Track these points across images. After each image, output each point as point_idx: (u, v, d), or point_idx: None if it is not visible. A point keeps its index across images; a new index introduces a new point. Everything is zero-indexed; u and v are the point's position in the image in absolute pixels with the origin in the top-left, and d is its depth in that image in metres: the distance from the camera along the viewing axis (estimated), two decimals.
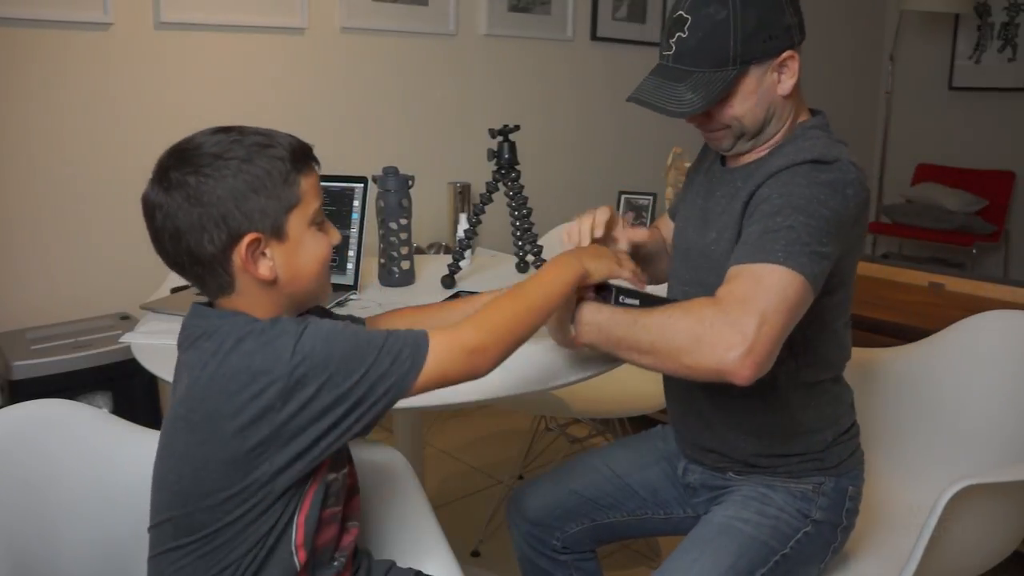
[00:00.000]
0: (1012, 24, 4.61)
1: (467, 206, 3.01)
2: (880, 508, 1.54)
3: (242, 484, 0.95)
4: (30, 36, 2.31)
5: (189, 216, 0.94)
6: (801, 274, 1.02)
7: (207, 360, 0.96)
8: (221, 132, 0.98)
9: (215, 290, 1.00)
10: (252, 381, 0.92)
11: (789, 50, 1.16)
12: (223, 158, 0.95)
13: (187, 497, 0.98)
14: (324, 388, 0.92)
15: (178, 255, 0.97)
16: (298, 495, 0.99)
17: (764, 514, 1.24)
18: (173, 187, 0.95)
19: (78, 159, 2.43)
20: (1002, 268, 4.74)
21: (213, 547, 0.98)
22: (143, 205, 0.98)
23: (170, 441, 1.01)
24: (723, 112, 1.17)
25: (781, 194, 1.09)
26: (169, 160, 0.97)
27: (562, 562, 1.47)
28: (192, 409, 0.96)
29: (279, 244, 0.99)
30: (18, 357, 2.12)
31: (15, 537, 1.13)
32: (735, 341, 0.97)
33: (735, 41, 1.12)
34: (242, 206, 0.95)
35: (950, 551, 1.20)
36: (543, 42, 3.46)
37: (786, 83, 1.17)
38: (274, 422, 0.92)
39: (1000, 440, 1.55)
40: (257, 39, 2.71)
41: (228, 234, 0.95)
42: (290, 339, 0.93)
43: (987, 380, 1.59)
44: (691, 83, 1.13)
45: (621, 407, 2.14)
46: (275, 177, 0.97)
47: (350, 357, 0.94)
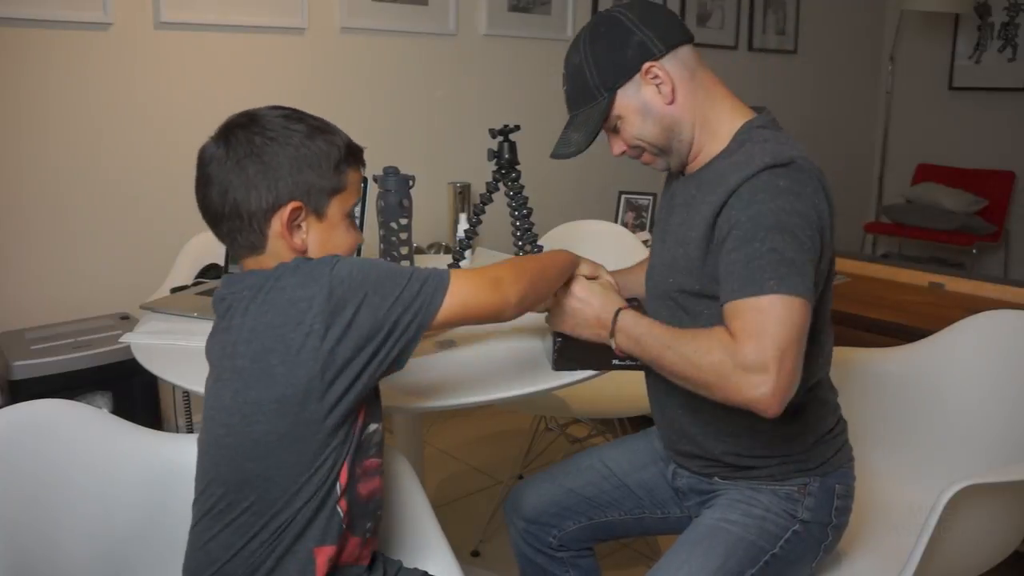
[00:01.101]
0: (1012, 24, 4.61)
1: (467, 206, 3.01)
2: (880, 508, 1.54)
3: (292, 424, 0.96)
4: (30, 36, 2.31)
5: (244, 172, 1.00)
6: (798, 296, 1.06)
7: (247, 305, 0.99)
8: (286, 110, 1.06)
9: (245, 247, 1.04)
10: (292, 308, 0.96)
11: (648, 61, 1.20)
12: (289, 129, 1.02)
13: (236, 450, 0.99)
14: (362, 309, 0.96)
15: (221, 206, 1.02)
16: (345, 444, 1.01)
17: (751, 515, 1.24)
18: (236, 144, 1.01)
19: (78, 159, 2.43)
20: (1002, 268, 4.74)
21: (265, 503, 0.99)
22: (199, 155, 1.04)
23: (216, 397, 1.02)
24: (624, 137, 1.26)
25: (750, 216, 1.11)
26: (236, 121, 1.04)
27: (559, 559, 1.47)
28: (237, 355, 0.99)
29: (317, 222, 1.05)
30: (18, 357, 2.12)
31: (16, 536, 1.13)
32: (758, 380, 1.04)
33: (591, 75, 1.23)
34: (295, 175, 1.01)
35: (950, 551, 1.20)
36: (543, 42, 3.46)
37: (664, 91, 1.21)
38: (320, 353, 0.95)
39: (1000, 440, 1.55)
40: (257, 39, 2.71)
41: (276, 197, 1.01)
42: (325, 267, 0.98)
43: (987, 380, 1.59)
44: (575, 124, 1.26)
45: (621, 407, 2.14)
46: (329, 160, 1.04)
47: (384, 279, 0.99)
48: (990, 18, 4.69)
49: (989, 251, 4.73)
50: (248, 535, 1.01)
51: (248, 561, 1.01)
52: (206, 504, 1.04)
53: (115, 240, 2.52)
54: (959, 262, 4.72)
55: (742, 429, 1.25)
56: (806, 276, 1.08)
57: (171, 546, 1.30)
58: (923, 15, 4.83)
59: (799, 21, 4.53)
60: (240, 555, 1.02)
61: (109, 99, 2.46)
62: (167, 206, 2.60)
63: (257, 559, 1.01)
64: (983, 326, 1.61)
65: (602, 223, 2.52)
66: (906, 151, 5.06)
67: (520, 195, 1.89)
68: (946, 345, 1.65)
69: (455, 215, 3.02)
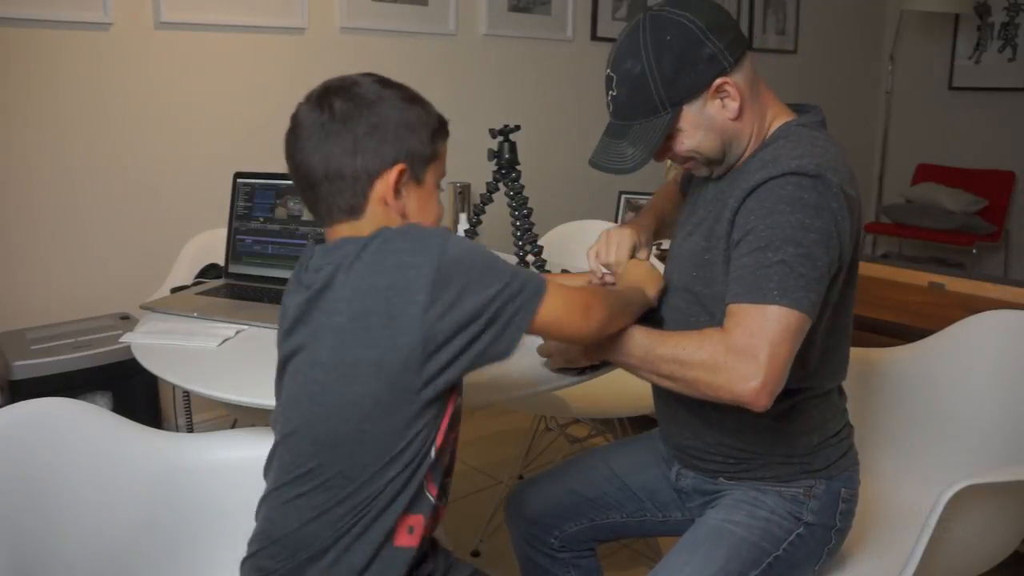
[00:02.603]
0: (1012, 24, 4.61)
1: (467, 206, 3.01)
2: (880, 508, 1.54)
3: (388, 390, 0.96)
4: (30, 36, 2.31)
5: (352, 133, 1.00)
6: (799, 310, 1.06)
7: (351, 263, 0.98)
8: (379, 76, 1.07)
9: (343, 211, 1.03)
10: (400, 273, 0.95)
11: (720, 77, 1.15)
12: (385, 95, 1.03)
13: (332, 409, 0.98)
14: (466, 291, 0.95)
15: (324, 169, 1.00)
16: (439, 418, 1.01)
17: (755, 516, 1.24)
18: (337, 108, 1.01)
19: (78, 159, 2.43)
20: (1002, 268, 4.74)
21: (357, 469, 0.99)
22: (295, 119, 1.03)
23: (311, 355, 1.00)
24: (677, 148, 1.20)
25: (768, 225, 1.10)
26: (332, 86, 1.04)
27: (561, 560, 1.47)
28: (336, 312, 0.97)
29: (416, 187, 1.05)
30: (18, 357, 2.13)
31: (17, 535, 1.13)
32: (749, 373, 1.04)
33: (656, 88, 1.15)
34: (401, 140, 1.02)
35: (950, 551, 1.20)
36: (543, 42, 3.46)
37: (731, 107, 1.17)
38: (423, 324, 0.94)
39: (1000, 440, 1.55)
40: (257, 39, 2.71)
41: (381, 159, 1.01)
42: (438, 239, 0.97)
43: (987, 380, 1.59)
44: (631, 137, 1.19)
45: (621, 407, 2.14)
46: (427, 126, 1.05)
47: (490, 268, 0.98)
48: (990, 18, 4.69)
49: (989, 251, 4.73)
50: (337, 498, 1.01)
51: (335, 525, 1.01)
52: (295, 464, 1.03)
53: (115, 240, 2.52)
54: (959, 262, 4.72)
55: (745, 425, 1.25)
56: (811, 292, 1.07)
57: (172, 544, 1.30)
58: (923, 15, 4.83)
59: (799, 21, 4.53)
60: (326, 516, 1.01)
61: (109, 99, 2.46)
62: (168, 206, 2.60)
63: (344, 524, 1.01)
64: (983, 326, 1.61)
65: (602, 223, 2.52)
66: (906, 151, 5.06)
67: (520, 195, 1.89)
68: (946, 345, 1.65)
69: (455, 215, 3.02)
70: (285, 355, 1.05)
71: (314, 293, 1.00)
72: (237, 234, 1.90)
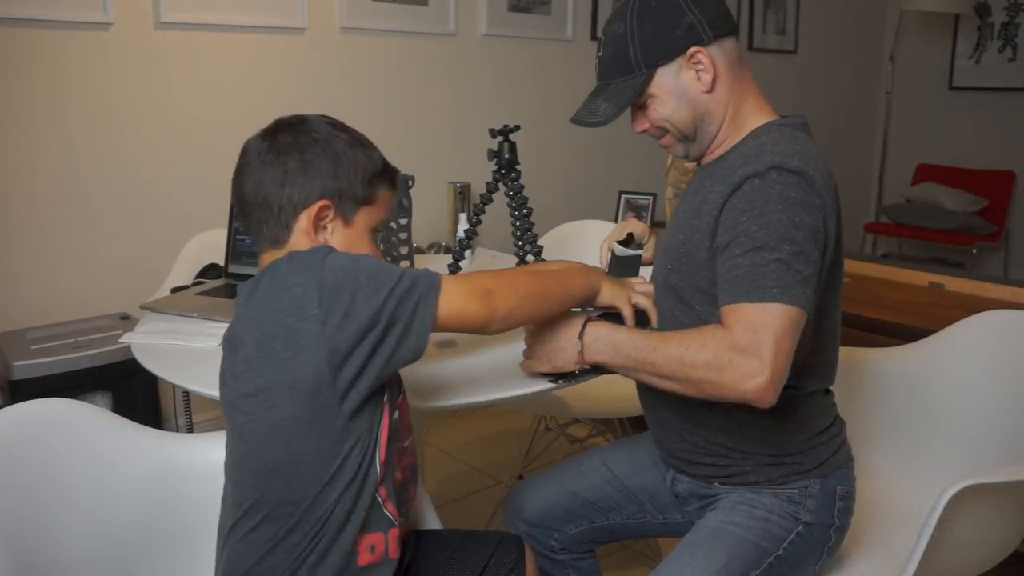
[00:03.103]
0: (1012, 24, 4.61)
1: (467, 206, 3.01)
2: (880, 508, 1.54)
3: (308, 409, 0.98)
4: (30, 36, 2.31)
5: (284, 166, 1.05)
6: (798, 307, 1.07)
7: (247, 296, 1.02)
8: (333, 120, 1.11)
9: (268, 239, 1.07)
10: (287, 294, 0.98)
11: (695, 46, 1.18)
12: (333, 135, 1.08)
13: (259, 437, 1.00)
14: (358, 297, 0.97)
15: (254, 196, 1.06)
16: (373, 431, 1.02)
17: (754, 516, 1.24)
18: (279, 141, 1.06)
19: (78, 159, 2.43)
20: (1002, 268, 4.74)
21: (297, 493, 1.00)
22: (244, 146, 1.09)
23: (234, 388, 1.03)
24: (650, 115, 1.24)
25: (760, 225, 1.10)
26: (285, 120, 1.09)
27: (561, 562, 1.47)
28: (243, 344, 1.01)
29: (343, 226, 1.08)
30: (18, 357, 2.13)
31: (17, 536, 1.13)
32: (755, 370, 1.04)
33: (634, 48, 1.20)
34: (330, 178, 1.06)
35: (950, 551, 1.20)
36: (543, 42, 3.46)
37: (704, 79, 1.20)
38: (323, 339, 0.96)
39: (1000, 440, 1.55)
40: (257, 39, 2.71)
41: (308, 194, 1.05)
42: (318, 255, 1.00)
43: (987, 380, 1.59)
44: (607, 94, 1.24)
45: (621, 407, 2.13)
46: (365, 172, 1.08)
47: (376, 273, 0.99)
48: (990, 18, 4.69)
49: (989, 251, 4.73)
50: (287, 527, 1.02)
51: (292, 554, 1.02)
52: (242, 498, 1.05)
53: (115, 240, 2.52)
54: (959, 262, 4.72)
55: (730, 422, 1.25)
56: (808, 288, 1.08)
57: (172, 544, 1.30)
58: (923, 15, 4.83)
59: (799, 21, 4.53)
60: (281, 547, 1.02)
61: (109, 99, 2.46)
62: (168, 206, 2.60)
63: (301, 552, 1.02)
64: (983, 326, 1.61)
65: (602, 223, 2.52)
66: (906, 151, 5.06)
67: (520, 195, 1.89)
68: (946, 345, 1.65)
69: (455, 215, 3.02)
70: (223, 394, 1.09)
71: (229, 327, 1.05)
72: (237, 234, 1.90)
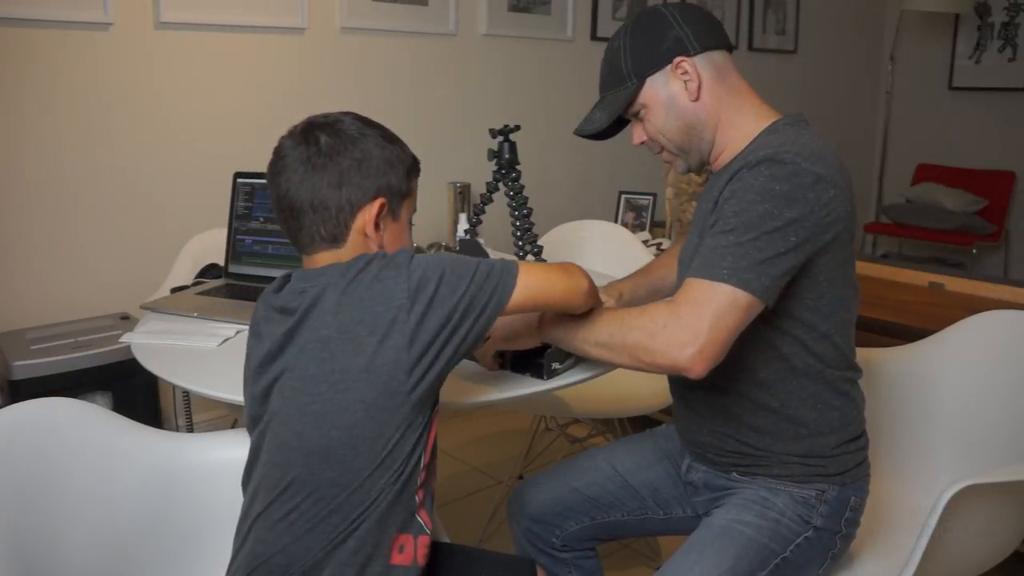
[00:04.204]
0: (1012, 24, 4.61)
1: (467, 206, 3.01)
2: (880, 508, 1.54)
3: (380, 394, 1.00)
4: (30, 36, 2.31)
5: (337, 167, 1.06)
6: (748, 292, 1.09)
7: (340, 283, 1.03)
8: (355, 115, 1.12)
9: (327, 239, 1.08)
10: (379, 284, 1.02)
11: (680, 56, 1.23)
12: (367, 133, 1.09)
13: (323, 417, 1.01)
14: (442, 287, 1.02)
15: (309, 199, 1.06)
16: (426, 429, 1.05)
17: (765, 516, 1.24)
18: (324, 143, 1.06)
19: (78, 159, 2.43)
20: (1002, 268, 4.74)
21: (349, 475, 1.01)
22: (280, 151, 1.09)
23: (298, 370, 1.04)
24: (646, 128, 1.30)
25: (735, 212, 1.13)
26: (314, 123, 1.09)
27: (563, 560, 1.47)
28: (323, 325, 1.02)
29: (392, 222, 1.12)
30: (18, 357, 2.13)
31: (18, 535, 1.14)
32: (687, 339, 1.08)
33: (625, 60, 1.26)
34: (381, 175, 1.09)
35: (950, 551, 1.20)
36: (543, 42, 3.46)
37: (690, 88, 1.24)
38: (408, 326, 1.00)
39: (1000, 440, 1.55)
40: (257, 39, 2.71)
41: (363, 192, 1.07)
42: (406, 254, 1.05)
43: (987, 380, 1.59)
44: (602, 105, 1.31)
45: (621, 407, 2.14)
46: (404, 164, 1.12)
47: (458, 264, 1.05)
48: (990, 18, 4.70)
49: (989, 251, 4.73)
50: (329, 507, 1.02)
51: (329, 536, 1.02)
52: (283, 478, 1.04)
53: (115, 240, 2.52)
54: (959, 262, 4.72)
55: (765, 424, 1.25)
56: (766, 277, 1.09)
57: (173, 544, 1.30)
58: (923, 15, 4.83)
59: (799, 21, 4.53)
60: (320, 527, 1.02)
61: (109, 99, 2.46)
62: (167, 206, 2.60)
63: (338, 535, 1.02)
64: (983, 326, 1.61)
65: (602, 223, 2.52)
66: (906, 151, 5.06)
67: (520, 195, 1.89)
68: (946, 345, 1.65)
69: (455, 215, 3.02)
70: (268, 382, 1.07)
71: (301, 314, 1.05)
72: (237, 234, 1.90)
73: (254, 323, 1.13)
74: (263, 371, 1.08)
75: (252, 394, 1.10)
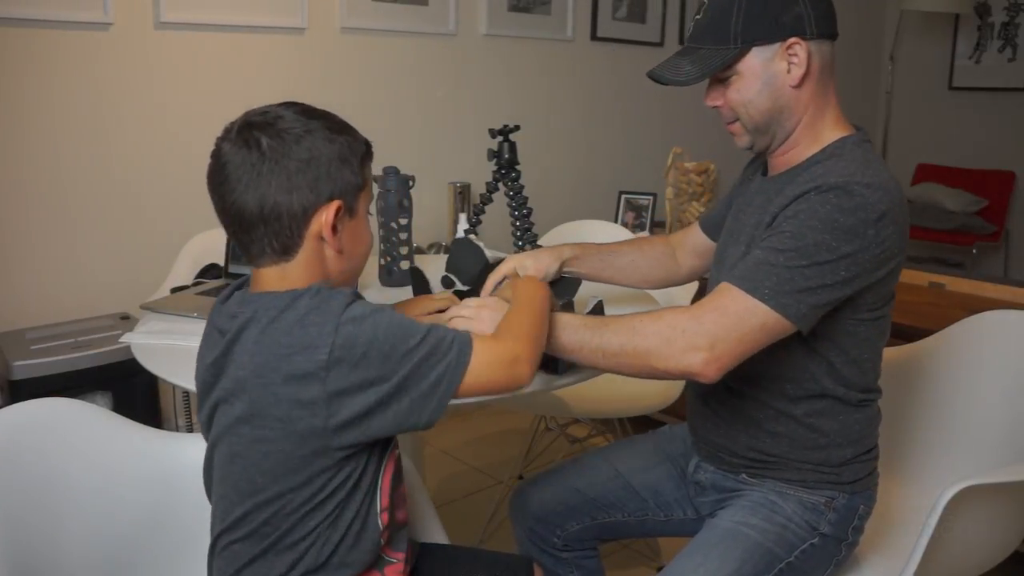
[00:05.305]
0: (1012, 24, 4.61)
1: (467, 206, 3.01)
2: (880, 508, 1.54)
3: (298, 446, 0.94)
4: (30, 36, 2.31)
5: (284, 171, 0.95)
6: (781, 314, 1.08)
7: (263, 320, 0.96)
8: (296, 105, 1.00)
9: (278, 251, 0.99)
10: (302, 330, 0.93)
11: (797, 36, 1.16)
12: (312, 127, 0.97)
13: (247, 460, 0.97)
14: (372, 352, 0.92)
15: (258, 210, 0.96)
16: (376, 472, 1.01)
17: (772, 521, 1.24)
18: (264, 143, 0.95)
19: (78, 159, 2.43)
20: (1002, 268, 4.74)
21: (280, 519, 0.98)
22: (218, 158, 0.97)
23: (226, 411, 0.99)
24: (729, 95, 1.21)
25: (793, 233, 1.10)
26: (254, 121, 0.97)
27: (564, 560, 1.47)
28: (242, 366, 0.96)
29: (349, 220, 1.02)
30: (18, 357, 2.12)
31: (17, 535, 1.13)
32: (704, 344, 1.06)
33: (736, 18, 1.16)
34: (334, 172, 0.98)
35: (950, 551, 1.20)
36: (543, 42, 3.46)
37: (795, 72, 1.18)
38: (323, 391, 0.92)
39: (1000, 440, 1.55)
40: (257, 39, 2.71)
41: (317, 196, 0.97)
42: (340, 302, 0.95)
43: (987, 380, 1.59)
44: (693, 58, 1.20)
45: (621, 407, 2.14)
46: (356, 154, 1.01)
47: (396, 330, 0.94)
48: (990, 18, 4.69)
49: (989, 251, 4.73)
50: (263, 546, 1.00)
51: (270, 571, 1.01)
52: (223, 512, 1.03)
53: (115, 240, 2.52)
54: (959, 262, 4.72)
55: (783, 433, 1.25)
56: (804, 305, 1.09)
57: (173, 544, 1.30)
58: (923, 15, 4.83)
59: None
60: (259, 563, 1.01)
61: (109, 99, 2.46)
62: (167, 206, 2.60)
63: (279, 571, 1.00)
64: (983, 326, 1.61)
65: (602, 223, 2.52)
66: (906, 151, 5.06)
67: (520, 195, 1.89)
68: (946, 345, 1.65)
69: (455, 215, 3.02)
70: (209, 409, 1.03)
71: (225, 346, 0.98)
72: None
73: (204, 331, 1.07)
74: (205, 397, 1.03)
75: (200, 411, 1.06)
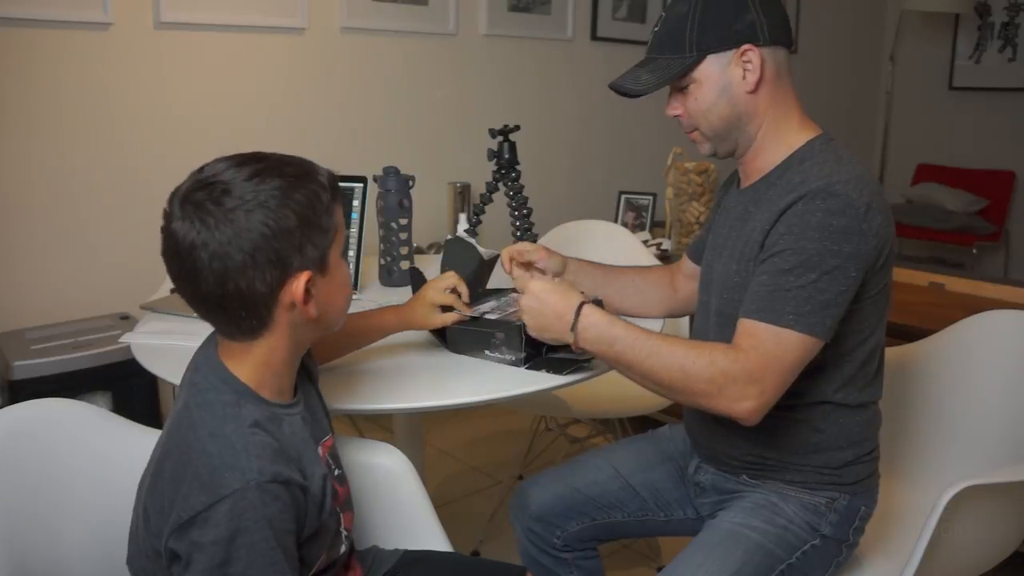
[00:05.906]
0: (1012, 24, 4.61)
1: (467, 206, 3.01)
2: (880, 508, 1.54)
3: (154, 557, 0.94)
4: (30, 36, 2.31)
5: (240, 253, 0.87)
6: (812, 336, 1.09)
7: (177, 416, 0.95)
8: (247, 161, 0.92)
9: (246, 330, 0.92)
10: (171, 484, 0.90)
11: (749, 43, 1.19)
12: (263, 197, 0.88)
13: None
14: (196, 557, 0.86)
15: (219, 295, 0.89)
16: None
17: (773, 523, 1.24)
18: (216, 222, 0.86)
19: (78, 159, 2.43)
20: (1002, 268, 4.74)
21: None
22: (171, 241, 0.89)
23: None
24: (688, 104, 1.24)
25: (795, 250, 1.11)
26: (199, 193, 0.89)
27: (564, 560, 1.47)
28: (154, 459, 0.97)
29: (322, 278, 0.94)
30: (18, 357, 2.12)
31: (16, 536, 1.13)
32: (753, 393, 1.08)
33: (691, 29, 1.20)
34: (294, 240, 0.89)
35: (950, 551, 1.20)
36: (543, 42, 3.46)
37: (750, 79, 1.20)
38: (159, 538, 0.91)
39: (1000, 440, 1.55)
40: (257, 39, 2.71)
41: (282, 271, 0.89)
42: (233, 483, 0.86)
43: (987, 380, 1.59)
44: (651, 67, 1.24)
45: (621, 407, 2.14)
46: (319, 207, 0.92)
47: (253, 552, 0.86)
48: (990, 18, 4.69)
49: (989, 251, 4.73)
50: None
51: None
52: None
53: (115, 240, 2.52)
54: (959, 262, 4.72)
55: (783, 438, 1.25)
56: (827, 318, 1.10)
57: None
58: (923, 15, 4.83)
59: (799, 21, 4.53)
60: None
61: (108, 99, 2.46)
62: None
63: None
64: (983, 326, 1.61)
65: (602, 223, 2.52)
66: (906, 151, 5.06)
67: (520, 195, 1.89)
68: (946, 345, 1.65)
69: (455, 215, 3.02)
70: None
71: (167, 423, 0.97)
72: None
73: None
74: None
75: None
